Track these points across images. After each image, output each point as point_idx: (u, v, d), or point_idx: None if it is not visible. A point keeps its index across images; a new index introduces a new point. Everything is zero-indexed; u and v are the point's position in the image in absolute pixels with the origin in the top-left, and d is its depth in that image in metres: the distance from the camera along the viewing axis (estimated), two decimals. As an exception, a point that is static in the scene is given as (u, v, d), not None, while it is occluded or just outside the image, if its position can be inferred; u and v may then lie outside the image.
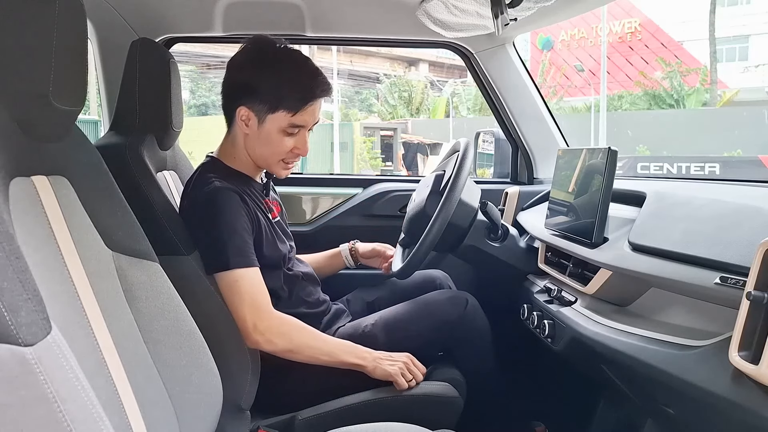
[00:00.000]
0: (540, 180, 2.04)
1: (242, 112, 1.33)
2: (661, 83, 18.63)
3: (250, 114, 1.32)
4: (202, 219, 1.26)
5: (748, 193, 1.20)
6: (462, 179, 1.43)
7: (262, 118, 1.32)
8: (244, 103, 1.32)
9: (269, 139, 1.33)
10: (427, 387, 1.33)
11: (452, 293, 1.52)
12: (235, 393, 1.18)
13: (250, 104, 1.32)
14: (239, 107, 1.33)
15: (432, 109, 20.32)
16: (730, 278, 0.84)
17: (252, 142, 1.35)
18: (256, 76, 1.32)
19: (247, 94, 1.32)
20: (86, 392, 0.51)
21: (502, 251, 1.60)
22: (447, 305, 1.44)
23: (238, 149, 1.38)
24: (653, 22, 21.31)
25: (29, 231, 0.72)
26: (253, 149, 1.37)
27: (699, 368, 0.85)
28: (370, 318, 1.45)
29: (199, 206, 1.28)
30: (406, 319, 1.42)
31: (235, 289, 1.23)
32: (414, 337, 1.40)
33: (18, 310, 0.48)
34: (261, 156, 1.37)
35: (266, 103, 1.31)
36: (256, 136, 1.34)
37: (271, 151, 1.35)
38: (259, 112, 1.32)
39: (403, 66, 23.31)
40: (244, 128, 1.34)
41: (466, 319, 1.42)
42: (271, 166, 1.39)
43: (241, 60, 1.35)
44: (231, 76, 1.36)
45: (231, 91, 1.36)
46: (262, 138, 1.34)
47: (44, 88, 0.72)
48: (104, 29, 1.76)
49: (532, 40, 20.46)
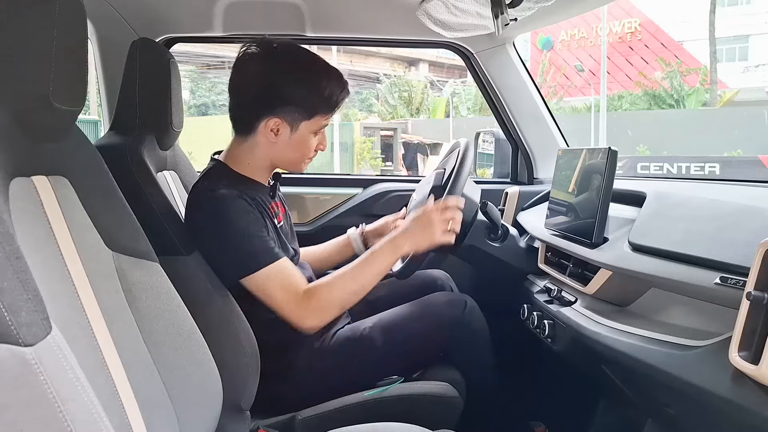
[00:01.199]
0: (540, 180, 2.04)
1: (272, 124, 1.28)
2: (661, 83, 18.62)
3: (281, 123, 1.29)
4: (215, 230, 1.24)
5: (748, 193, 1.20)
6: (462, 178, 1.43)
7: (296, 126, 1.30)
8: (275, 114, 1.28)
9: (300, 143, 1.32)
10: (427, 387, 1.33)
11: (451, 295, 1.51)
12: (235, 393, 1.18)
13: (282, 115, 1.28)
14: (268, 118, 1.28)
15: (432, 109, 20.31)
16: (730, 278, 0.84)
17: (280, 149, 1.32)
18: (287, 85, 1.27)
19: (277, 104, 1.28)
20: (86, 392, 0.51)
21: (502, 251, 1.60)
22: (445, 307, 1.43)
23: (255, 157, 1.34)
24: (653, 22, 21.31)
25: (29, 231, 0.72)
26: (280, 155, 1.34)
27: (699, 368, 0.85)
28: (368, 321, 1.44)
29: (209, 216, 1.25)
30: (404, 322, 1.41)
31: (269, 289, 1.24)
32: (412, 340, 1.39)
33: (18, 310, 0.48)
34: (288, 159, 1.36)
35: (302, 111, 1.29)
36: (286, 143, 1.31)
37: (301, 154, 1.35)
38: (293, 120, 1.29)
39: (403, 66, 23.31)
40: (272, 138, 1.30)
41: (465, 322, 1.41)
42: (297, 165, 1.38)
43: (259, 68, 1.29)
44: (250, 89, 1.30)
45: (253, 102, 1.30)
46: (293, 144, 1.32)
47: (44, 88, 0.72)
48: (104, 29, 1.76)
49: (532, 40, 20.46)
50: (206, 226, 1.24)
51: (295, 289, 1.25)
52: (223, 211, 1.24)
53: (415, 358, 1.41)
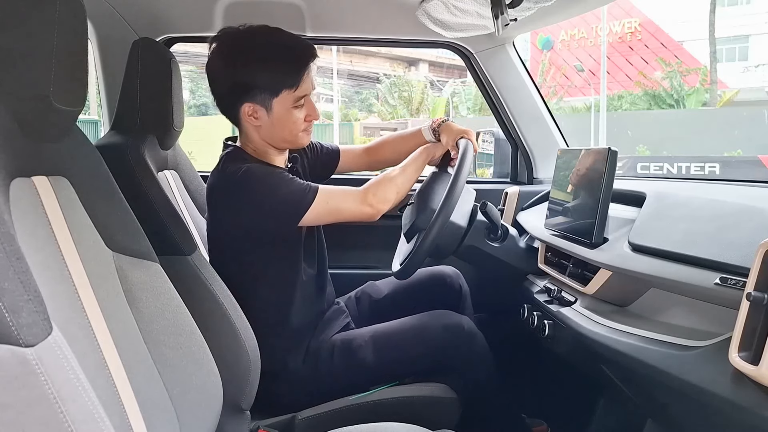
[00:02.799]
0: (540, 180, 2.04)
1: (246, 109, 1.34)
2: (661, 83, 18.62)
3: (256, 107, 1.33)
4: (259, 196, 1.30)
5: (748, 193, 1.20)
6: (462, 178, 1.43)
7: (269, 106, 1.33)
8: (246, 100, 1.33)
9: (282, 120, 1.35)
10: (426, 388, 1.33)
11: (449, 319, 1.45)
12: (236, 393, 1.18)
13: (251, 99, 1.33)
14: (242, 106, 1.34)
15: (432, 109, 20.29)
16: (730, 279, 0.84)
17: (267, 131, 1.37)
18: (246, 72, 1.31)
19: (245, 92, 1.32)
20: (87, 393, 0.51)
21: (502, 251, 1.60)
22: (441, 331, 1.40)
23: (254, 142, 1.40)
24: (653, 22, 21.30)
25: (30, 232, 0.72)
26: (271, 136, 1.38)
27: (699, 369, 0.85)
28: (364, 332, 1.44)
29: (249, 189, 1.30)
30: (397, 341, 1.40)
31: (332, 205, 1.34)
32: (405, 360, 1.39)
33: (19, 311, 0.48)
34: (281, 138, 1.39)
35: (266, 91, 1.32)
36: (269, 124, 1.36)
37: (289, 130, 1.38)
38: (263, 101, 1.33)
39: (403, 66, 23.30)
40: (254, 122, 1.35)
41: (461, 347, 1.39)
42: (296, 139, 1.41)
43: (221, 63, 1.34)
44: (220, 83, 1.35)
45: (227, 95, 1.36)
46: (275, 123, 1.35)
47: (45, 88, 0.72)
48: (104, 29, 1.76)
49: (532, 40, 20.45)
50: (249, 197, 1.30)
51: (350, 191, 1.38)
52: (259, 178, 1.31)
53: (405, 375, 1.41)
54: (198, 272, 1.22)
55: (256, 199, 1.29)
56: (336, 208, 1.34)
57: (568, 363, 1.42)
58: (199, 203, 1.63)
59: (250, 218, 1.31)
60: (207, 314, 1.13)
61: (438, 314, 1.46)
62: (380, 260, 1.84)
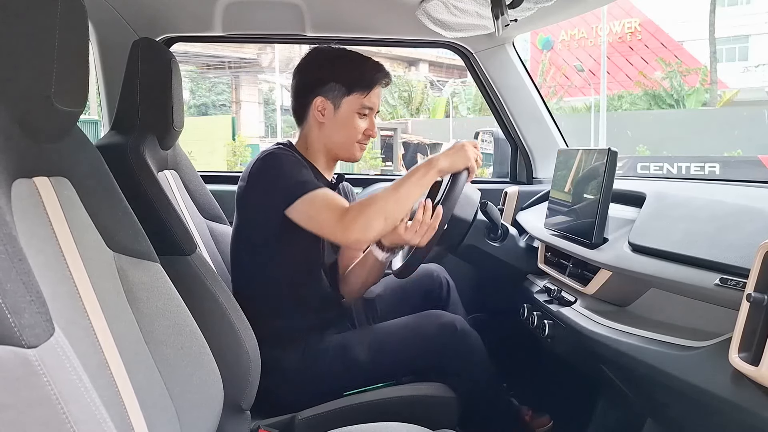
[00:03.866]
0: (539, 180, 2.04)
1: (318, 102, 1.43)
2: (661, 83, 18.61)
3: (326, 102, 1.43)
4: (267, 175, 1.36)
5: (749, 193, 1.20)
6: (462, 177, 1.43)
7: (338, 104, 1.43)
8: (319, 93, 1.43)
9: (346, 122, 1.43)
10: (426, 387, 1.33)
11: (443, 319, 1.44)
12: (236, 393, 1.18)
13: (324, 93, 1.43)
14: (314, 99, 1.43)
15: (432, 109, 20.29)
16: (730, 279, 0.84)
17: (329, 129, 1.44)
18: (328, 69, 1.44)
19: (321, 85, 1.43)
20: (89, 393, 0.52)
21: (501, 251, 1.60)
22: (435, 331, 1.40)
23: (311, 140, 1.47)
24: (653, 22, 21.29)
25: (31, 232, 0.72)
26: (330, 136, 1.45)
27: (699, 369, 0.85)
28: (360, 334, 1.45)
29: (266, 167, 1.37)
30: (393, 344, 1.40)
31: (314, 210, 1.31)
32: (398, 360, 1.39)
33: (21, 312, 0.48)
34: (339, 141, 1.45)
35: (341, 88, 1.42)
36: (332, 122, 1.44)
37: (348, 134, 1.44)
38: (335, 98, 1.43)
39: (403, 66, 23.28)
40: (320, 118, 1.44)
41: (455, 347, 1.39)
42: (349, 149, 1.46)
43: (308, 62, 1.48)
44: (302, 78, 1.47)
45: (304, 89, 1.46)
46: (338, 122, 1.43)
47: (46, 89, 0.72)
48: (104, 29, 1.76)
49: (532, 40, 20.44)
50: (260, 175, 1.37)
51: (338, 207, 1.31)
52: (278, 160, 1.37)
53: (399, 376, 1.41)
54: (198, 272, 1.22)
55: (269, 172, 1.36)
56: (314, 215, 1.30)
57: (568, 363, 1.42)
58: (199, 203, 1.63)
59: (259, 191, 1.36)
60: (207, 314, 1.13)
61: (431, 314, 1.47)
62: None
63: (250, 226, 1.42)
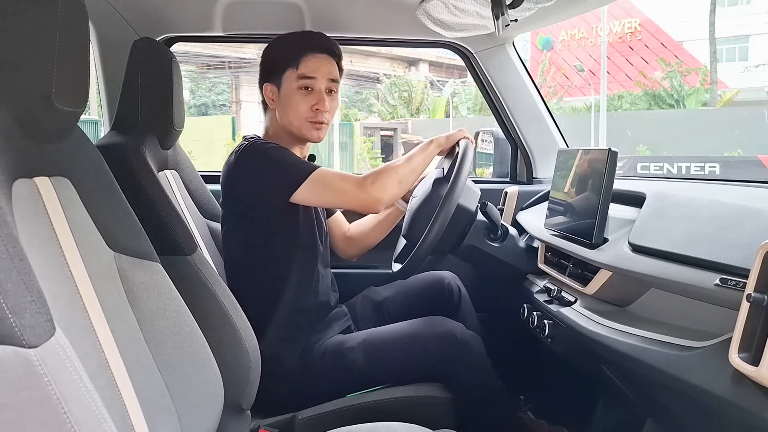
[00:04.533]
0: (539, 180, 2.04)
1: (267, 89, 1.50)
2: (661, 83, 18.61)
3: (272, 86, 1.49)
4: (259, 167, 1.37)
5: (749, 194, 1.20)
6: (462, 178, 1.43)
7: (279, 84, 1.47)
8: (266, 79, 1.50)
9: (289, 100, 1.46)
10: (426, 387, 1.33)
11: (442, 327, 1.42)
12: (236, 393, 1.18)
13: (268, 79, 1.50)
14: (264, 86, 1.51)
15: (432, 109, 20.29)
16: (730, 280, 0.84)
17: (279, 112, 1.49)
18: (267, 56, 1.52)
19: (266, 72, 1.51)
20: (90, 393, 0.52)
21: (501, 251, 1.60)
22: (434, 340, 1.38)
23: (273, 127, 1.52)
24: (653, 22, 21.29)
25: (32, 232, 0.72)
26: (281, 118, 1.49)
27: (699, 369, 0.85)
28: (356, 337, 1.44)
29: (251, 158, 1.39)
30: (388, 350, 1.39)
31: (328, 183, 1.35)
32: (395, 369, 1.38)
33: (22, 312, 0.48)
34: (289, 121, 1.47)
35: (276, 68, 1.48)
36: (279, 104, 1.48)
37: (294, 112, 1.46)
38: (274, 78, 1.48)
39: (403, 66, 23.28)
40: (272, 104, 1.50)
41: (455, 356, 1.38)
42: (301, 128, 1.47)
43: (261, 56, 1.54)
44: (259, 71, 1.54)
45: (259, 81, 1.53)
46: (284, 102, 1.47)
47: (47, 89, 0.72)
48: (104, 29, 1.76)
49: (532, 40, 20.45)
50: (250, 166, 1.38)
51: (352, 176, 1.39)
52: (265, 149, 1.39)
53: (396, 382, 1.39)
54: (198, 272, 1.22)
55: (254, 167, 1.37)
56: (331, 188, 1.36)
57: (568, 363, 1.42)
58: (200, 203, 1.63)
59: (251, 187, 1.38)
60: (207, 314, 1.13)
61: (431, 322, 1.43)
62: (380, 260, 1.85)
63: (246, 223, 1.42)
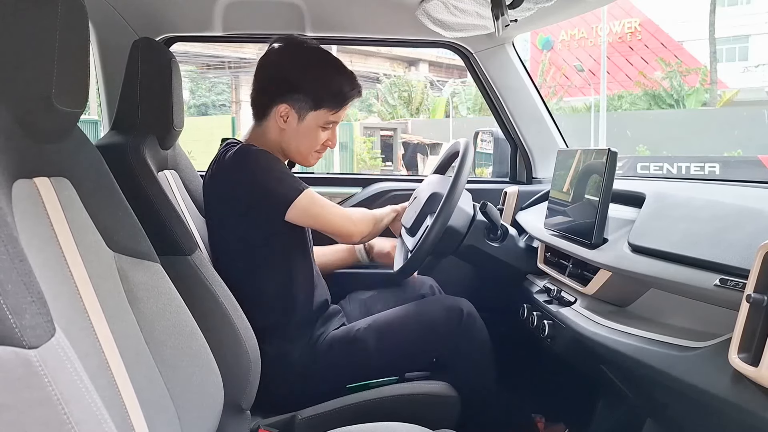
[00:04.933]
0: (539, 180, 2.04)
1: (282, 110, 1.39)
2: (661, 83, 18.62)
3: (291, 111, 1.38)
4: (253, 175, 1.33)
5: (749, 194, 1.20)
6: (463, 178, 1.43)
7: (303, 116, 1.39)
8: (285, 100, 1.38)
9: (308, 134, 1.41)
10: (427, 386, 1.33)
11: (448, 301, 1.47)
12: (236, 393, 1.18)
13: (291, 102, 1.38)
14: (279, 104, 1.38)
15: (432, 109, 20.29)
16: (729, 280, 0.84)
17: (289, 136, 1.42)
18: (299, 75, 1.37)
19: (289, 92, 1.37)
20: (90, 394, 0.52)
21: (501, 251, 1.60)
22: (441, 315, 1.41)
23: (268, 141, 1.43)
24: (653, 22, 21.29)
25: (32, 233, 0.72)
26: (289, 143, 1.43)
27: (699, 369, 0.85)
28: (362, 321, 1.44)
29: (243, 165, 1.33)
30: (397, 326, 1.40)
31: (318, 208, 1.35)
32: (405, 345, 1.38)
33: (22, 312, 0.48)
34: (296, 149, 1.44)
35: (309, 101, 1.37)
36: (294, 131, 1.40)
37: (308, 145, 1.43)
38: (300, 109, 1.38)
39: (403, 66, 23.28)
40: (281, 124, 1.40)
41: (461, 330, 1.39)
42: (306, 157, 1.46)
43: (278, 59, 1.41)
44: (269, 74, 1.41)
45: (269, 87, 1.41)
46: (300, 133, 1.40)
47: (47, 89, 0.72)
48: (104, 29, 1.76)
49: (532, 40, 20.45)
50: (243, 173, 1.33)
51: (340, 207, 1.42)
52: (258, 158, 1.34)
53: (407, 361, 1.40)
54: (198, 272, 1.22)
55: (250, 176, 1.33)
56: (322, 212, 1.37)
57: (568, 363, 1.42)
58: (199, 203, 1.63)
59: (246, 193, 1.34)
60: (207, 314, 1.13)
61: (436, 298, 1.50)
62: None
63: (245, 223, 1.39)
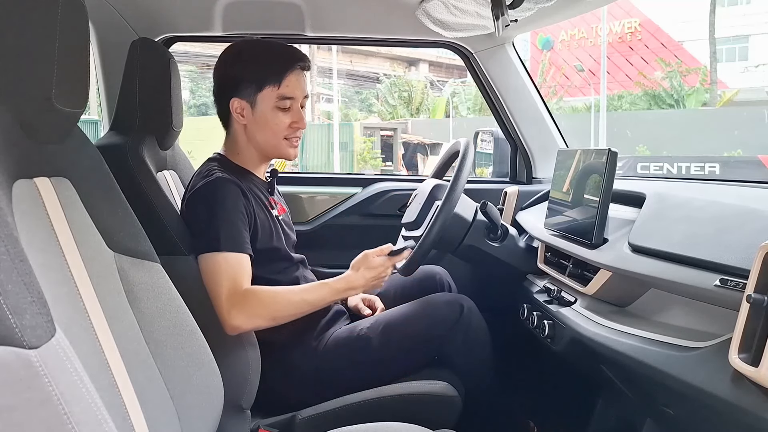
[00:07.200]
0: (539, 180, 2.05)
1: (235, 104, 1.39)
2: (661, 83, 18.62)
3: (242, 102, 1.38)
4: (203, 208, 1.29)
5: (749, 194, 1.20)
6: (463, 177, 1.43)
7: (253, 102, 1.38)
8: (234, 95, 1.38)
9: (266, 119, 1.38)
10: (427, 386, 1.33)
11: (449, 297, 1.49)
12: (236, 393, 1.18)
13: (238, 94, 1.38)
14: (230, 101, 1.39)
15: (432, 109, 20.30)
16: (730, 280, 0.84)
17: (252, 129, 1.40)
18: (236, 68, 1.39)
19: (234, 86, 1.39)
20: (90, 394, 0.52)
21: (501, 251, 1.60)
22: (443, 310, 1.42)
23: (240, 144, 1.43)
24: (653, 22, 21.29)
25: (32, 233, 0.72)
26: (254, 136, 1.41)
27: (699, 369, 0.85)
28: (365, 321, 1.45)
29: (201, 196, 1.30)
30: (401, 323, 1.41)
31: (217, 270, 1.22)
32: (408, 341, 1.39)
33: (22, 312, 0.48)
34: (264, 140, 1.41)
35: (252, 85, 1.37)
36: (253, 122, 1.39)
37: (272, 131, 1.40)
38: (248, 96, 1.38)
39: (403, 66, 23.30)
40: (241, 120, 1.40)
41: (462, 324, 1.40)
42: (278, 147, 1.42)
43: (220, 63, 1.43)
44: (216, 80, 1.43)
45: (219, 91, 1.42)
46: (259, 121, 1.39)
47: (47, 90, 0.72)
48: (104, 29, 1.76)
49: (532, 40, 20.45)
50: (198, 203, 1.30)
51: (238, 284, 1.22)
52: (215, 192, 1.29)
53: (411, 358, 1.41)
54: (199, 272, 1.22)
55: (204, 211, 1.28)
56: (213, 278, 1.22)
57: (568, 363, 1.42)
58: (200, 203, 1.63)
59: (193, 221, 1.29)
60: (208, 314, 1.13)
61: (438, 295, 1.49)
62: None
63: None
